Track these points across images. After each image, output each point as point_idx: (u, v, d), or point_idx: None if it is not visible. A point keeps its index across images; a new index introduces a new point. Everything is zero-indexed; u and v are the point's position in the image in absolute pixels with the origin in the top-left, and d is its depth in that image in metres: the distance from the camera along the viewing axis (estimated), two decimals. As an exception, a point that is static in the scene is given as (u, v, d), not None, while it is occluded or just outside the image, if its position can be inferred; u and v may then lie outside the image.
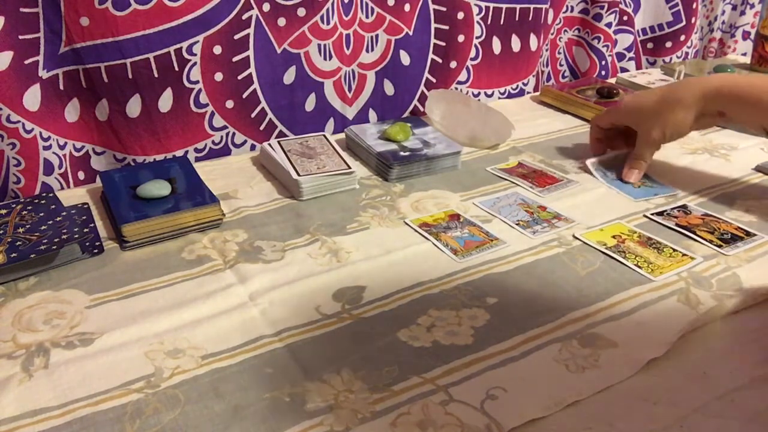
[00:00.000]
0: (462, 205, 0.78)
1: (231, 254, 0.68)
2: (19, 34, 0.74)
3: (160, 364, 0.53)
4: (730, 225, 0.73)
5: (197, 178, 0.78)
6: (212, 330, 0.56)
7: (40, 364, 0.52)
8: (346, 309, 0.59)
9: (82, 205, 0.75)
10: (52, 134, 0.81)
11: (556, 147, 0.95)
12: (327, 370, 0.52)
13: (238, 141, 0.94)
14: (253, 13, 0.88)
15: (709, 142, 0.97)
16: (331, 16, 0.93)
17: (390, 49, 1.01)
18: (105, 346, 0.55)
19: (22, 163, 0.79)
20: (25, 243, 0.64)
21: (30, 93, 0.77)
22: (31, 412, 0.48)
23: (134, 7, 0.78)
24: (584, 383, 0.50)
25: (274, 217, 0.75)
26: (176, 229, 0.70)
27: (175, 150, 0.89)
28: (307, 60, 0.94)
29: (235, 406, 0.48)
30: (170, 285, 0.63)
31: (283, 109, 0.96)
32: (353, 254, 0.68)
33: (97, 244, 0.68)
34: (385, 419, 0.47)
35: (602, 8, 1.23)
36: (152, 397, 0.49)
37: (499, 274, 0.64)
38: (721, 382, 0.50)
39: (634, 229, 0.72)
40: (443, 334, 0.56)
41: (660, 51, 1.38)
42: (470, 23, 1.07)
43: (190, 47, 0.84)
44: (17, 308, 0.59)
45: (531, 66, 1.18)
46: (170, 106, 0.86)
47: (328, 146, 0.88)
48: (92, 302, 0.60)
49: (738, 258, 0.67)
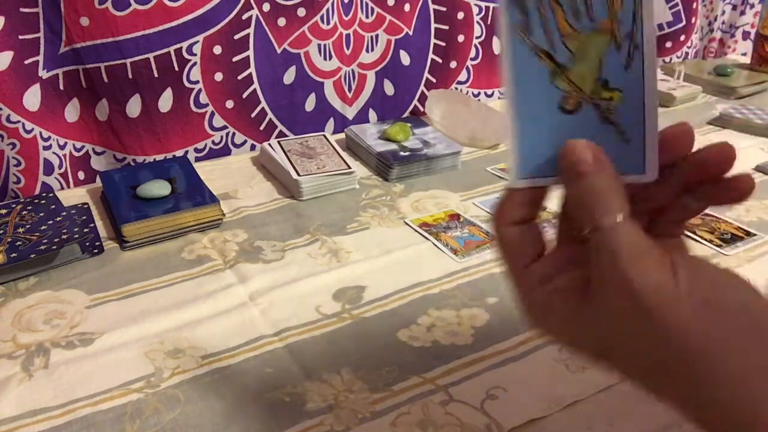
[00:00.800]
0: (462, 205, 0.78)
1: (231, 254, 0.68)
2: (19, 34, 0.74)
3: (160, 364, 0.53)
4: (730, 225, 0.73)
5: (197, 178, 0.78)
6: (212, 330, 0.56)
7: (40, 364, 0.52)
8: (346, 309, 0.59)
9: (82, 205, 0.75)
10: (52, 134, 0.81)
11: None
12: (327, 370, 0.52)
13: (238, 141, 0.94)
14: (253, 13, 0.88)
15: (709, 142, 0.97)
16: (331, 16, 0.93)
17: (390, 49, 1.01)
18: (105, 346, 0.55)
19: (22, 163, 0.79)
20: (25, 243, 0.64)
21: (30, 93, 0.77)
22: (31, 412, 0.48)
23: (134, 7, 0.78)
24: (584, 383, 0.50)
25: (274, 217, 0.75)
26: (176, 229, 0.70)
27: (175, 150, 0.89)
28: (307, 60, 0.94)
29: (235, 406, 0.48)
30: (170, 285, 0.63)
31: (283, 109, 0.96)
32: (353, 254, 0.68)
33: (97, 244, 0.68)
34: (385, 419, 0.47)
35: (602, 8, 1.23)
36: (152, 397, 0.49)
37: (499, 274, 0.64)
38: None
39: (634, 229, 0.72)
40: (443, 334, 0.56)
41: (660, 51, 1.38)
42: (470, 23, 1.07)
43: (190, 47, 0.84)
44: (17, 308, 0.59)
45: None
46: (170, 106, 0.86)
47: (328, 146, 0.88)
48: (92, 302, 0.60)
49: (738, 258, 0.67)
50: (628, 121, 0.30)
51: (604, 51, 0.29)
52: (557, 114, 0.30)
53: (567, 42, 0.30)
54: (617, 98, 0.30)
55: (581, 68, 0.30)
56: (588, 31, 0.29)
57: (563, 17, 0.29)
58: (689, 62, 1.34)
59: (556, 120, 0.30)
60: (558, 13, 0.29)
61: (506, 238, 0.32)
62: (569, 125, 0.30)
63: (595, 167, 0.29)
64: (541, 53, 0.30)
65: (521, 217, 0.32)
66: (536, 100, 0.30)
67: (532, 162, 0.30)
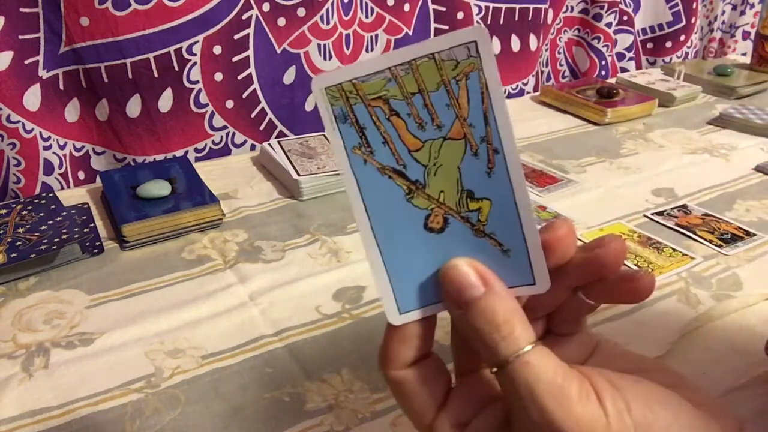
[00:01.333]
0: (462, 205, 0.78)
1: (231, 254, 0.68)
2: (19, 34, 0.74)
3: (160, 364, 0.53)
4: (730, 225, 0.73)
5: (197, 178, 0.78)
6: (212, 330, 0.56)
7: (40, 364, 0.52)
8: (346, 309, 0.59)
9: (82, 205, 0.75)
10: (52, 134, 0.81)
11: (556, 147, 0.95)
12: (327, 370, 0.52)
13: (238, 141, 0.94)
14: (252, 13, 0.88)
15: (709, 142, 0.97)
16: (330, 15, 0.93)
17: (390, 49, 1.01)
18: (105, 346, 0.55)
19: (22, 163, 0.79)
20: (25, 243, 0.64)
21: (30, 93, 0.77)
22: (31, 412, 0.48)
23: (134, 7, 0.78)
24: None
25: (274, 217, 0.75)
26: (176, 229, 0.70)
27: (175, 150, 0.89)
28: (307, 60, 0.94)
29: (235, 406, 0.48)
30: (170, 285, 0.63)
31: (283, 109, 0.96)
32: (353, 254, 0.68)
33: (97, 244, 0.68)
34: (385, 419, 0.47)
35: (602, 8, 1.23)
36: (152, 397, 0.49)
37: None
38: (721, 382, 0.50)
39: (634, 229, 0.72)
40: (443, 334, 0.56)
41: (660, 51, 1.38)
42: (470, 23, 1.07)
43: (190, 47, 0.84)
44: (17, 308, 0.59)
45: (530, 66, 1.18)
46: (170, 106, 0.86)
47: (328, 146, 0.88)
48: (92, 302, 0.60)
49: (738, 258, 0.67)
50: (503, 231, 0.26)
51: (462, 158, 0.26)
52: (425, 235, 0.27)
53: (416, 156, 0.26)
54: (486, 208, 0.26)
55: (439, 182, 0.26)
56: (438, 139, 0.26)
57: (405, 129, 0.26)
58: (689, 62, 1.34)
59: (426, 241, 0.27)
60: (399, 126, 0.26)
61: (404, 386, 0.27)
62: (441, 245, 0.27)
63: (483, 290, 0.25)
64: (390, 173, 0.26)
65: (413, 356, 0.27)
66: (399, 225, 0.27)
67: (410, 292, 0.27)
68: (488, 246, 0.27)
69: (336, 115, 0.26)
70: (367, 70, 0.25)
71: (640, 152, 0.93)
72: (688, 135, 1.00)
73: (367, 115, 0.26)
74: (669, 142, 0.97)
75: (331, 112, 0.26)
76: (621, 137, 0.99)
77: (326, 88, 0.26)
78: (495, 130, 0.26)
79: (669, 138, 0.99)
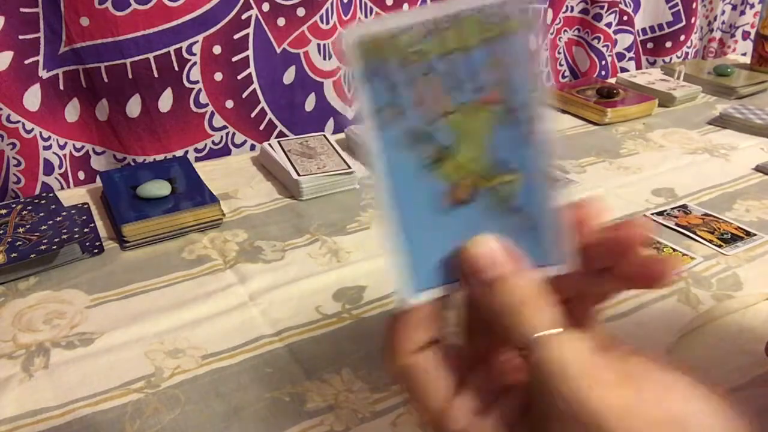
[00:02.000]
0: (462, 205, 0.78)
1: (231, 254, 0.68)
2: (19, 34, 0.74)
3: (160, 364, 0.53)
4: (730, 225, 0.73)
5: (197, 178, 0.78)
6: (212, 330, 0.56)
7: (40, 364, 0.52)
8: (346, 309, 0.59)
9: (82, 205, 0.75)
10: (52, 134, 0.81)
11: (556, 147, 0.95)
12: (327, 370, 0.52)
13: (238, 141, 0.94)
14: (252, 13, 0.88)
15: (709, 142, 0.97)
16: (330, 15, 0.93)
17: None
18: (105, 346, 0.55)
19: (22, 163, 0.79)
20: (25, 243, 0.64)
21: (30, 93, 0.77)
22: (31, 412, 0.48)
23: (134, 7, 0.78)
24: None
25: (274, 217, 0.75)
26: (176, 229, 0.70)
27: (175, 150, 0.89)
28: (307, 60, 0.94)
29: (235, 406, 0.48)
30: (170, 285, 0.63)
31: (283, 109, 0.96)
32: (353, 254, 0.68)
33: (97, 244, 0.68)
34: (385, 419, 0.47)
35: (602, 8, 1.23)
36: (152, 397, 0.49)
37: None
38: (721, 382, 0.50)
39: (634, 229, 0.72)
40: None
41: (660, 51, 1.38)
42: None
43: (189, 47, 0.84)
44: (17, 308, 0.59)
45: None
46: (170, 106, 0.86)
47: (328, 146, 0.88)
48: (92, 302, 0.60)
49: (738, 258, 0.67)
50: (532, 205, 0.25)
51: (496, 126, 0.24)
52: (447, 207, 0.25)
53: (448, 120, 0.24)
54: (517, 181, 0.25)
55: (469, 150, 0.24)
56: (473, 103, 0.24)
57: (440, 89, 0.24)
58: (689, 62, 1.34)
59: (447, 215, 0.25)
60: (433, 85, 0.24)
61: (416, 372, 0.25)
62: (464, 219, 0.25)
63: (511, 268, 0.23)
64: (418, 138, 0.24)
65: (426, 339, 0.25)
66: (421, 196, 0.25)
67: (426, 270, 0.25)
68: (515, 221, 0.25)
69: (366, 70, 0.24)
70: (407, 21, 0.23)
71: (640, 152, 0.93)
72: (688, 135, 1.00)
73: (401, 70, 0.23)
74: (669, 142, 0.97)
75: (363, 67, 0.24)
76: (621, 137, 0.99)
77: (359, 41, 0.23)
78: (534, 98, 0.24)
79: (669, 138, 0.99)
